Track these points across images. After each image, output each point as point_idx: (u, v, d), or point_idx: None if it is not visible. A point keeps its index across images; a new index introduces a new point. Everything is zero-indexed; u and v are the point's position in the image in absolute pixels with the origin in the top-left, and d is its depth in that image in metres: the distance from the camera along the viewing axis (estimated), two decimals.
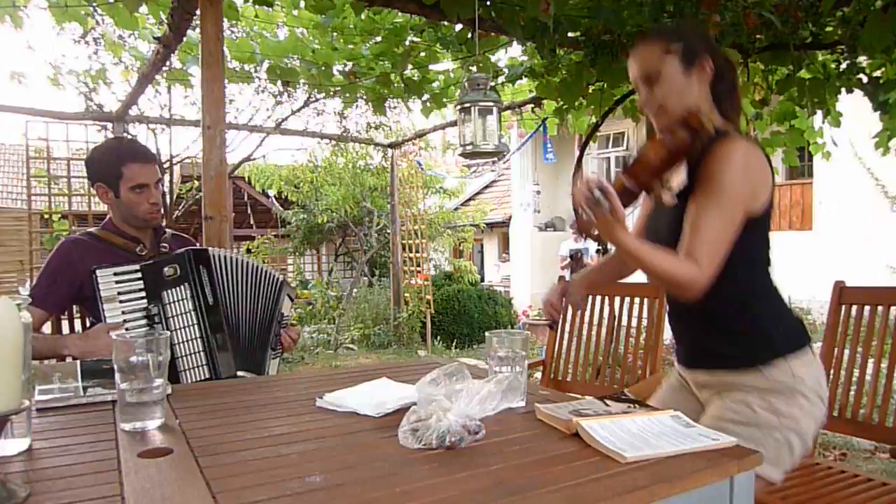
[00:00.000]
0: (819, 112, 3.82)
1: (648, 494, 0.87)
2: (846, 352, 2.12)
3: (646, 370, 2.26)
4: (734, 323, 1.44)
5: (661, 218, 1.48)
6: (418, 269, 8.25)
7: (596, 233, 1.31)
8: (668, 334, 1.88)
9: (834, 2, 2.75)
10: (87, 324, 2.11)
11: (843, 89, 3.54)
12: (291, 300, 2.16)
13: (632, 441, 1.03)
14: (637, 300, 2.36)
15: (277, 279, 2.06)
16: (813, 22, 2.98)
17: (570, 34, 3.34)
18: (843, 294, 2.11)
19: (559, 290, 1.66)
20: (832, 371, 2.12)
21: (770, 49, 3.25)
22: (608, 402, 1.25)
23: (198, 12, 2.64)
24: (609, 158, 12.41)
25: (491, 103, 1.91)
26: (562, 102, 4.00)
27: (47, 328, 2.03)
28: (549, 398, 1.37)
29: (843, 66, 3.46)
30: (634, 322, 2.39)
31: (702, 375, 1.52)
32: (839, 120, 4.14)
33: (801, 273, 8.87)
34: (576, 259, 8.14)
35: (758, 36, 3.05)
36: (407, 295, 8.30)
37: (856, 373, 2.06)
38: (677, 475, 0.92)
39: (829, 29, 3.16)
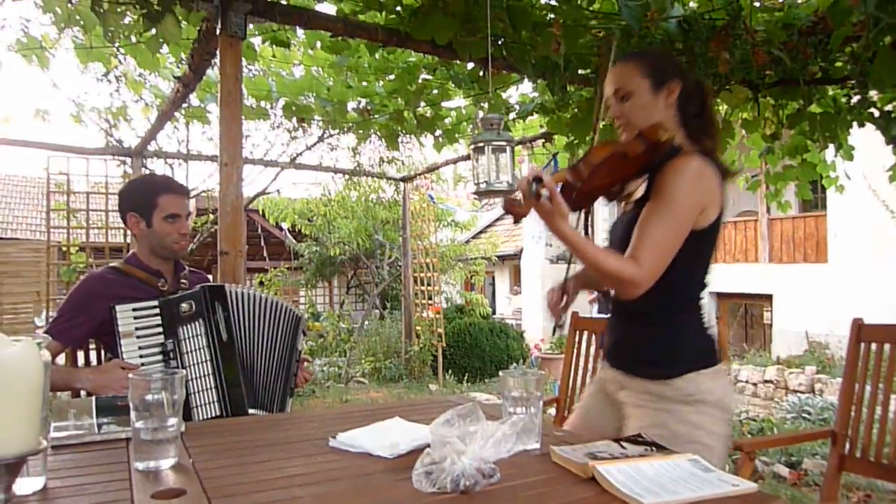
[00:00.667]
0: (831, 146, 3.82)
1: None
2: (867, 388, 2.09)
3: None
4: (659, 331, 1.53)
5: (619, 226, 1.59)
6: (430, 301, 8.24)
7: (521, 215, 1.35)
8: None
9: (843, 38, 2.78)
10: (103, 357, 2.12)
11: (854, 123, 3.55)
12: (304, 334, 2.17)
13: (650, 486, 1.01)
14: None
15: (295, 316, 2.07)
16: (822, 58, 3.01)
17: (580, 71, 3.38)
18: (861, 332, 2.08)
19: (559, 292, 1.74)
20: (853, 409, 2.08)
21: (780, 84, 3.27)
22: (624, 444, 1.23)
23: (217, 53, 2.71)
24: None
25: (504, 143, 1.93)
26: (572, 137, 4.04)
27: (61, 359, 2.05)
28: (564, 440, 1.36)
29: (854, 100, 3.48)
30: None
31: (621, 376, 1.61)
32: (851, 153, 4.14)
33: (818, 306, 8.78)
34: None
35: (767, 72, 3.08)
36: (418, 328, 8.27)
37: (878, 411, 2.02)
38: None
39: (838, 64, 3.19)
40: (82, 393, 2.01)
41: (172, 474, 1.12)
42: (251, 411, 1.91)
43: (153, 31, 2.78)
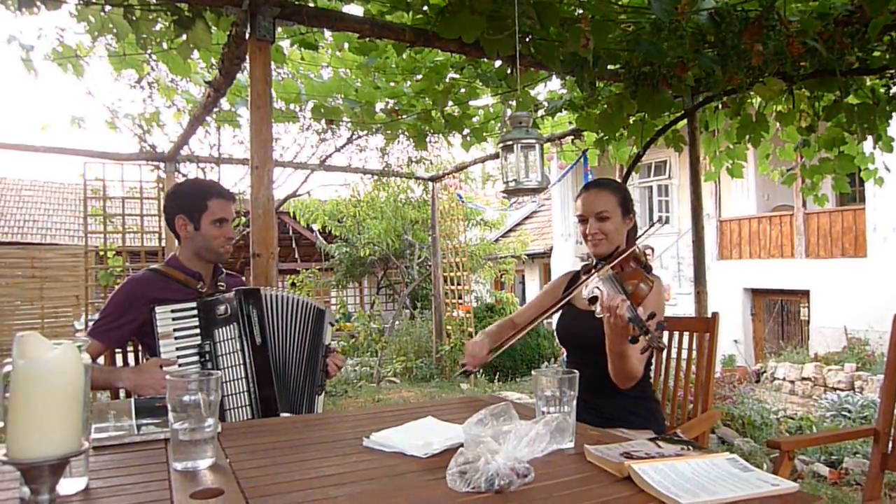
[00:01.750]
0: (869, 137, 3.71)
1: None
2: None
3: (697, 407, 2.19)
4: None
5: (581, 320, 1.95)
6: (460, 301, 8.24)
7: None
8: (718, 368, 1.85)
9: (881, 27, 2.69)
10: (141, 359, 2.17)
11: (893, 114, 3.44)
12: (332, 326, 2.18)
13: (687, 486, 0.99)
14: (686, 335, 2.30)
15: (316, 310, 2.08)
16: (859, 47, 2.92)
17: (609, 67, 3.34)
18: None
19: (488, 350, 1.99)
20: None
21: (815, 76, 3.19)
22: (660, 443, 1.21)
23: (247, 57, 2.74)
24: (651, 187, 12.27)
25: (533, 140, 1.92)
26: (602, 134, 3.99)
27: (101, 360, 2.09)
28: (599, 439, 1.34)
29: (894, 90, 3.37)
30: (684, 355, 2.33)
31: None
32: (891, 145, 4.02)
33: (857, 302, 8.54)
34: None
35: (802, 63, 3.00)
36: (449, 327, 8.28)
37: None
38: None
39: (876, 54, 3.09)
40: (121, 393, 2.06)
41: (210, 474, 1.13)
42: (283, 415, 1.93)
43: (184, 36, 2.83)
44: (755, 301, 10.60)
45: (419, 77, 3.89)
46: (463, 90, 3.98)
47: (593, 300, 1.76)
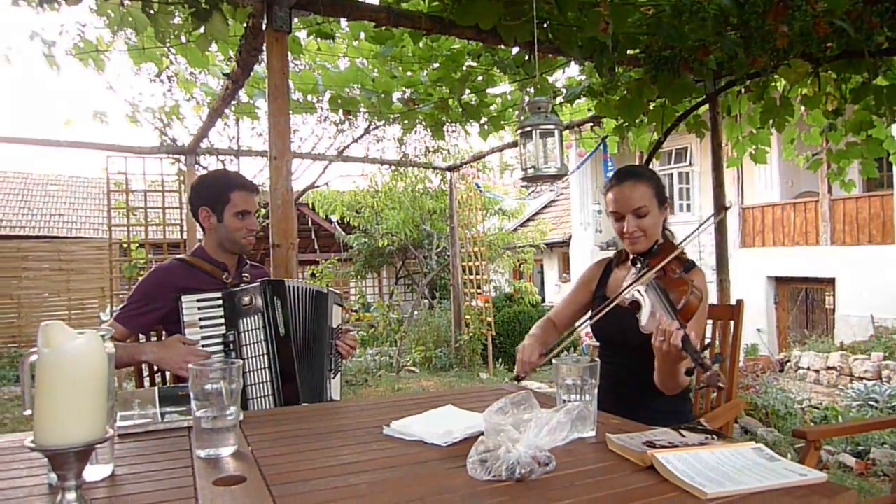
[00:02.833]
0: None
1: None
2: None
3: (721, 397, 2.16)
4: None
5: (621, 319, 1.76)
6: (478, 290, 8.23)
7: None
8: (742, 357, 1.83)
9: None
10: None
11: None
12: (341, 306, 2.16)
13: (712, 475, 0.98)
14: (710, 323, 2.26)
15: (324, 294, 2.08)
16: (889, 27, 2.84)
17: (629, 51, 3.29)
18: None
19: (539, 354, 1.84)
20: None
21: (842, 57, 3.11)
22: (684, 432, 1.19)
23: (264, 48, 2.74)
24: (672, 174, 12.12)
25: (552, 126, 1.89)
26: (622, 120, 3.94)
27: None
28: (621, 428, 1.33)
29: None
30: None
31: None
32: None
33: (884, 290, 8.38)
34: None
35: (829, 44, 2.93)
36: (468, 317, 8.28)
37: None
38: None
39: None
40: (146, 383, 2.09)
41: (233, 461, 1.14)
42: (304, 403, 1.94)
43: (202, 29, 2.83)
44: (779, 289, 10.45)
45: (436, 65, 3.87)
46: (480, 78, 3.95)
47: (635, 305, 1.69)
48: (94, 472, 1.06)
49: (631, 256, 1.90)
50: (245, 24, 2.90)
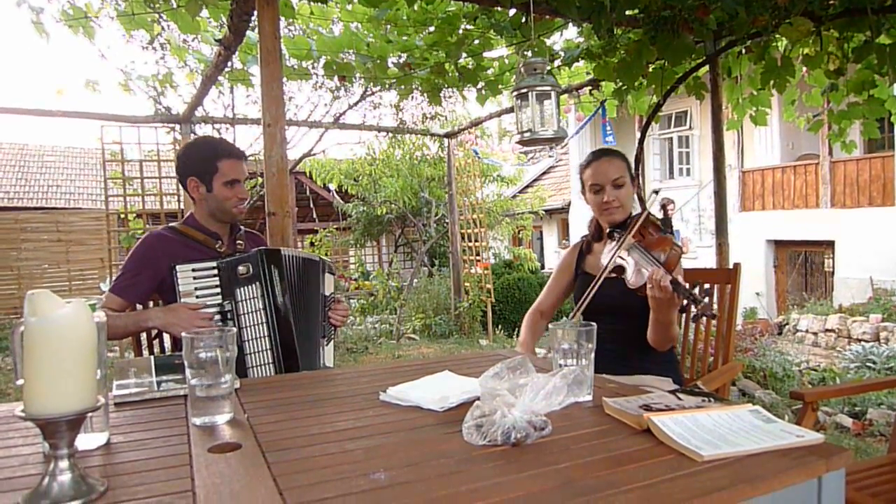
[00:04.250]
0: None
1: (728, 496, 0.82)
2: None
3: (718, 359, 2.16)
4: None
5: (615, 287, 1.85)
6: (478, 257, 8.23)
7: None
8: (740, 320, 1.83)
9: None
10: None
11: None
12: (332, 274, 2.15)
13: (708, 438, 0.97)
14: (706, 286, 2.25)
15: (317, 262, 2.07)
16: None
17: (627, 12, 3.22)
18: None
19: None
20: None
21: (845, 14, 3.05)
22: (680, 395, 1.19)
23: (255, 12, 2.68)
24: (672, 138, 12.03)
25: (549, 88, 1.86)
26: (621, 83, 3.88)
27: None
28: (617, 391, 1.33)
29: None
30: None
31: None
32: None
33: (884, 252, 8.39)
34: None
35: (831, 2, 2.86)
36: (467, 284, 8.29)
37: None
38: (760, 475, 0.87)
39: None
40: (144, 352, 2.09)
41: (228, 429, 1.14)
42: (302, 373, 1.94)
43: None
44: (778, 253, 10.46)
45: (431, 29, 3.79)
46: (476, 41, 3.88)
47: (619, 269, 1.78)
48: (89, 440, 1.06)
49: (607, 230, 2.02)
50: None
